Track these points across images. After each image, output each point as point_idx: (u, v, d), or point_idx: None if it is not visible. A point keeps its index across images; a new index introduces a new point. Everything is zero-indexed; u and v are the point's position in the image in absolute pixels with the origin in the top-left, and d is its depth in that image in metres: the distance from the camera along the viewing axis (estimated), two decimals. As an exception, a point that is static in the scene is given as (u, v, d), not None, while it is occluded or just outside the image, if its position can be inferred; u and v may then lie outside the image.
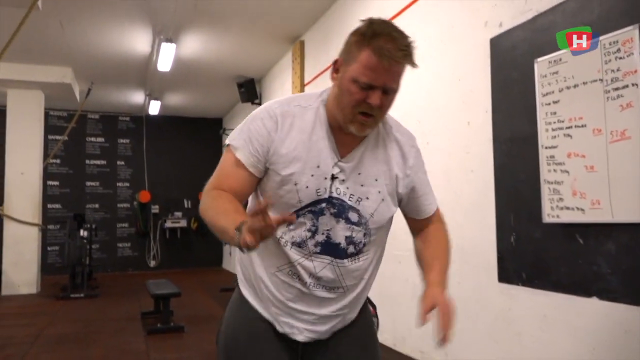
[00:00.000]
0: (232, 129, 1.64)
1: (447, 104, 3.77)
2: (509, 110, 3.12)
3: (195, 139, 11.70)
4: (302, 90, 6.79)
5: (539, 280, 2.85)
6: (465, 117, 3.55)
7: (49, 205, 10.23)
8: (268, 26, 6.59)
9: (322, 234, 1.49)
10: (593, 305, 2.54)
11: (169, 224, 11.19)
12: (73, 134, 9.86)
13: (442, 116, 3.81)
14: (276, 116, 1.46)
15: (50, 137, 9.91)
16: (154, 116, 11.05)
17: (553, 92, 2.70)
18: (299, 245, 1.48)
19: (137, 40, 7.05)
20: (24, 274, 8.03)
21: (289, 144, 1.44)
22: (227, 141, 1.54)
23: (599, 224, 2.47)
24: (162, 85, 9.06)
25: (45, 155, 8.85)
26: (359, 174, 1.50)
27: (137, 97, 10.10)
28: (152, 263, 11.24)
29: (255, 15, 6.18)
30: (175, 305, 5.39)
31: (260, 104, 8.77)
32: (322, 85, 6.20)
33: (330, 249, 1.50)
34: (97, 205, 10.86)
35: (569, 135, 2.61)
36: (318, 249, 1.49)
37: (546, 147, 2.73)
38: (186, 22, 6.29)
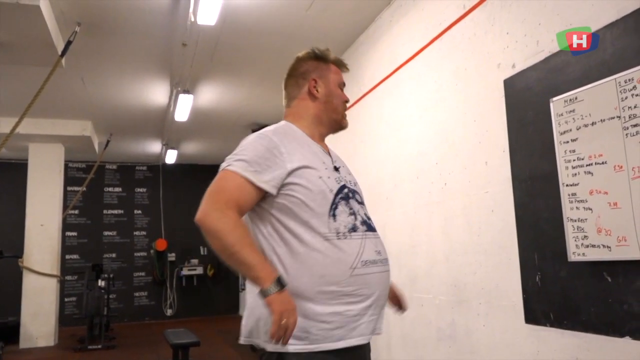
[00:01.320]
0: None
1: (463, 144, 3.79)
2: (526, 149, 3.13)
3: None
4: (316, 135, 6.88)
5: (568, 320, 2.79)
6: (482, 157, 3.57)
7: (67, 256, 10.29)
8: (283, 74, 6.75)
9: (358, 213, 1.74)
10: (626, 345, 2.47)
11: (185, 272, 11.17)
12: (91, 184, 10.03)
13: (459, 157, 3.83)
14: (274, 139, 1.72)
15: (69, 188, 10.08)
16: (170, 165, 11.25)
17: (571, 130, 2.72)
18: (354, 229, 1.68)
19: (155, 93, 7.26)
20: (42, 326, 8.01)
21: (299, 156, 1.71)
22: (230, 167, 1.71)
23: (627, 261, 2.43)
24: (178, 135, 9.26)
25: (65, 207, 8.98)
26: (342, 166, 1.92)
27: (154, 147, 10.30)
28: (169, 312, 11.16)
29: (270, 65, 6.35)
30: (194, 355, 5.32)
31: (274, 149, 8.90)
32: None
33: (368, 225, 1.76)
34: (114, 255, 10.91)
35: (589, 173, 2.60)
36: (365, 227, 1.72)
37: (567, 185, 2.72)
38: (203, 73, 6.48)
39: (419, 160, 4.41)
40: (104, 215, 11.17)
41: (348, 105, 2.08)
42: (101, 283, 8.13)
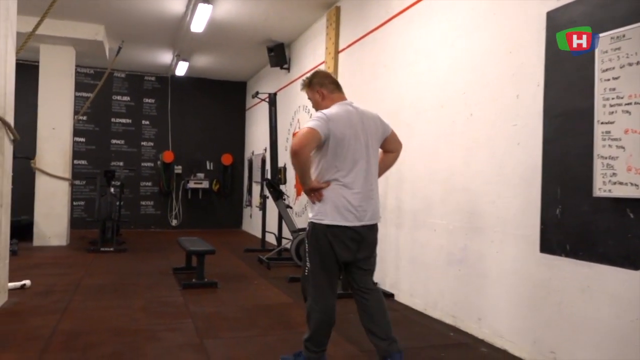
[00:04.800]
0: (264, 93, 3.78)
1: (495, 76, 3.79)
2: (563, 85, 3.14)
3: (220, 102, 11.78)
4: (336, 56, 6.79)
5: (584, 252, 2.94)
6: (514, 90, 3.58)
7: (75, 161, 10.38)
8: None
9: None
10: None
11: (191, 185, 11.36)
12: (99, 91, 9.94)
13: (489, 88, 3.84)
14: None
15: (77, 93, 10.00)
16: (180, 77, 11.13)
17: (614, 68, 2.72)
18: None
19: (172, 0, 7.05)
20: (54, 226, 8.26)
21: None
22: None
23: (652, 199, 2.53)
24: (191, 46, 9.08)
25: (75, 112, 8.97)
26: None
27: (164, 58, 10.13)
28: (174, 222, 11.46)
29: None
30: (205, 263, 5.55)
31: (288, 69, 8.80)
32: (358, 52, 6.21)
33: None
34: (121, 163, 11.03)
35: (627, 112, 2.64)
36: None
37: (602, 123, 2.77)
38: (224, -17, 6.27)
39: (445, 89, 4.41)
40: (112, 124, 11.17)
41: None
42: (112, 189, 8.29)
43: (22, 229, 8.08)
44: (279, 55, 8.65)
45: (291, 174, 8.45)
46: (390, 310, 4.58)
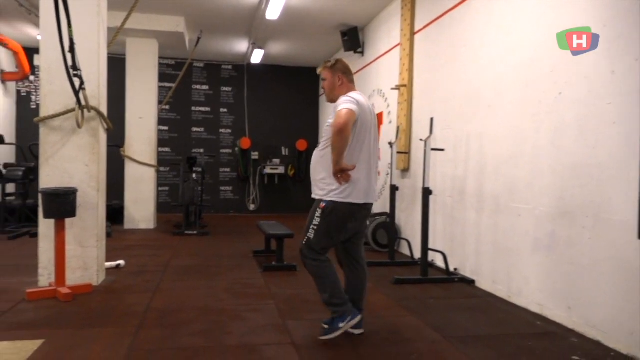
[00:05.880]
0: None
1: (586, 51, 3.55)
2: (666, 58, 2.90)
3: (294, 88, 11.93)
4: (411, 38, 6.66)
5: (690, 238, 2.72)
6: (608, 66, 3.35)
7: (160, 149, 10.92)
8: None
9: None
10: None
11: (267, 170, 11.63)
12: (180, 81, 10.34)
13: (580, 65, 3.61)
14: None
15: (160, 84, 10.46)
16: (255, 65, 11.39)
17: None
18: None
19: (248, -11, 7.18)
20: (142, 210, 8.77)
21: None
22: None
23: None
24: (266, 34, 9.23)
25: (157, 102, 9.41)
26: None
27: (240, 46, 10.37)
28: (252, 207, 11.81)
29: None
30: (284, 246, 5.68)
31: (362, 53, 8.73)
32: (435, 32, 6.04)
33: None
34: (202, 150, 11.47)
35: None
36: None
37: None
38: (299, -32, 6.29)
39: (530, 68, 4.20)
40: (192, 112, 11.63)
41: None
42: (194, 175, 8.66)
43: (114, 213, 8.65)
44: (353, 39, 8.60)
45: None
46: (471, 297, 4.51)
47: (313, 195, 3.34)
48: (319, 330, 3.34)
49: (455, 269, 5.24)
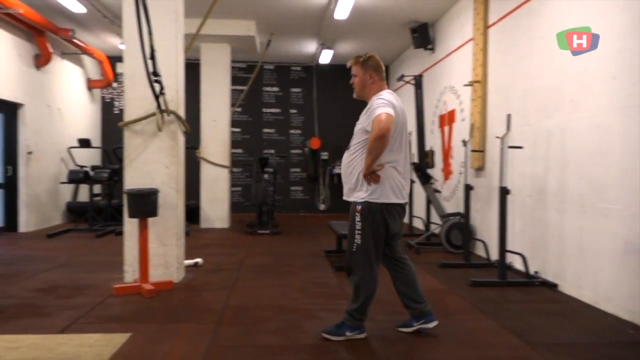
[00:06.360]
0: (409, 75, 4.04)
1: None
2: None
3: None
4: (485, 32, 6.44)
5: None
6: None
7: (232, 150, 11.23)
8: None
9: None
10: None
11: (337, 170, 11.64)
12: (251, 83, 10.59)
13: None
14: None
15: (232, 87, 10.76)
16: (324, 65, 11.46)
17: None
18: None
19: (318, -10, 7.22)
20: (217, 210, 9.08)
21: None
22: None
23: None
24: (335, 34, 9.26)
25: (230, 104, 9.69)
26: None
27: (309, 47, 10.47)
28: (322, 206, 11.89)
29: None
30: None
31: (433, 49, 8.55)
32: (510, 25, 5.81)
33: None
34: (273, 151, 11.68)
35: None
36: None
37: None
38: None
39: (619, 58, 3.93)
40: (263, 114, 11.88)
41: None
42: (266, 175, 8.84)
43: (191, 213, 8.99)
44: (423, 35, 8.45)
45: (438, 158, 8.26)
46: (554, 302, 4.29)
47: (345, 197, 3.36)
48: (394, 330, 3.30)
49: (536, 272, 5.01)
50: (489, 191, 6.24)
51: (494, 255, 5.40)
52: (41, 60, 8.59)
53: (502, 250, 4.83)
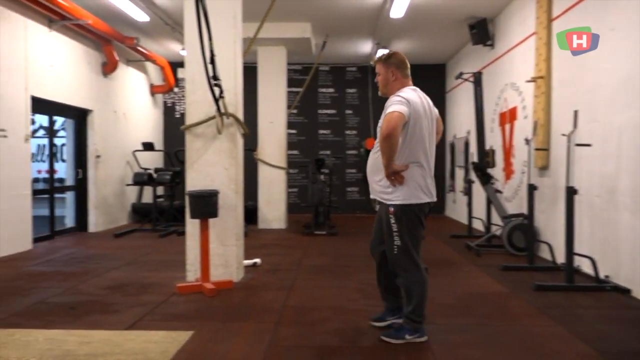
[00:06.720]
0: (468, 73, 3.63)
1: None
2: None
3: (419, 85, 11.17)
4: (549, 25, 6.18)
5: None
6: None
7: (289, 152, 11.34)
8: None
9: None
10: None
11: (393, 171, 11.53)
12: (307, 85, 10.65)
13: None
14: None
15: (288, 89, 10.87)
16: (379, 65, 11.34)
17: None
18: None
19: (373, -11, 7.18)
20: (274, 211, 9.20)
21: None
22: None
23: None
24: (391, 33, 9.17)
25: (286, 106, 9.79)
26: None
27: (364, 47, 10.41)
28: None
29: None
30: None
31: (492, 45, 8.30)
32: (575, 19, 5.54)
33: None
34: (328, 152, 11.71)
35: None
36: None
37: None
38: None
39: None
40: (318, 115, 11.94)
41: None
42: (322, 176, 8.87)
43: (249, 214, 9.13)
44: (482, 31, 8.22)
45: (499, 157, 8.01)
46: (627, 308, 4.05)
47: (371, 196, 3.40)
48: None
49: (606, 276, 4.75)
50: (554, 191, 5.98)
51: (560, 258, 5.17)
52: (108, 68, 9.01)
53: (570, 252, 4.62)
